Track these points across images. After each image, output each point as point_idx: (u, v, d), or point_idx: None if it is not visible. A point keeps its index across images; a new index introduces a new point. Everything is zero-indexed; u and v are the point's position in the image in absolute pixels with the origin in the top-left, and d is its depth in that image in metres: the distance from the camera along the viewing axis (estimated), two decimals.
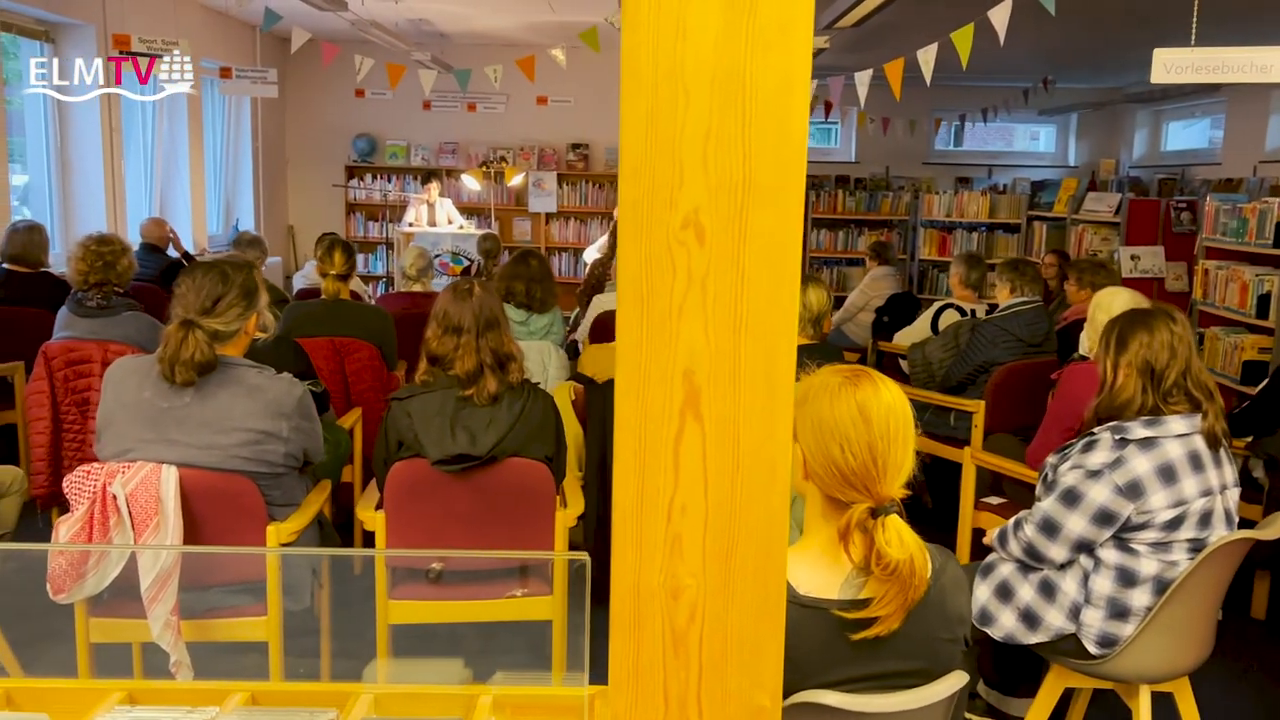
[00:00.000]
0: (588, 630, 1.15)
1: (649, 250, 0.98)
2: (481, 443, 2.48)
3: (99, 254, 4.03)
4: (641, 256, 0.98)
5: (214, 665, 2.60)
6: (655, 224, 0.98)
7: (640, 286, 0.99)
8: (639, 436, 1.01)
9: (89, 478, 2.35)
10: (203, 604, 2.47)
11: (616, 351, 1.00)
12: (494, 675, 1.46)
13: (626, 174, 0.97)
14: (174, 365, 2.30)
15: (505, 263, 4.47)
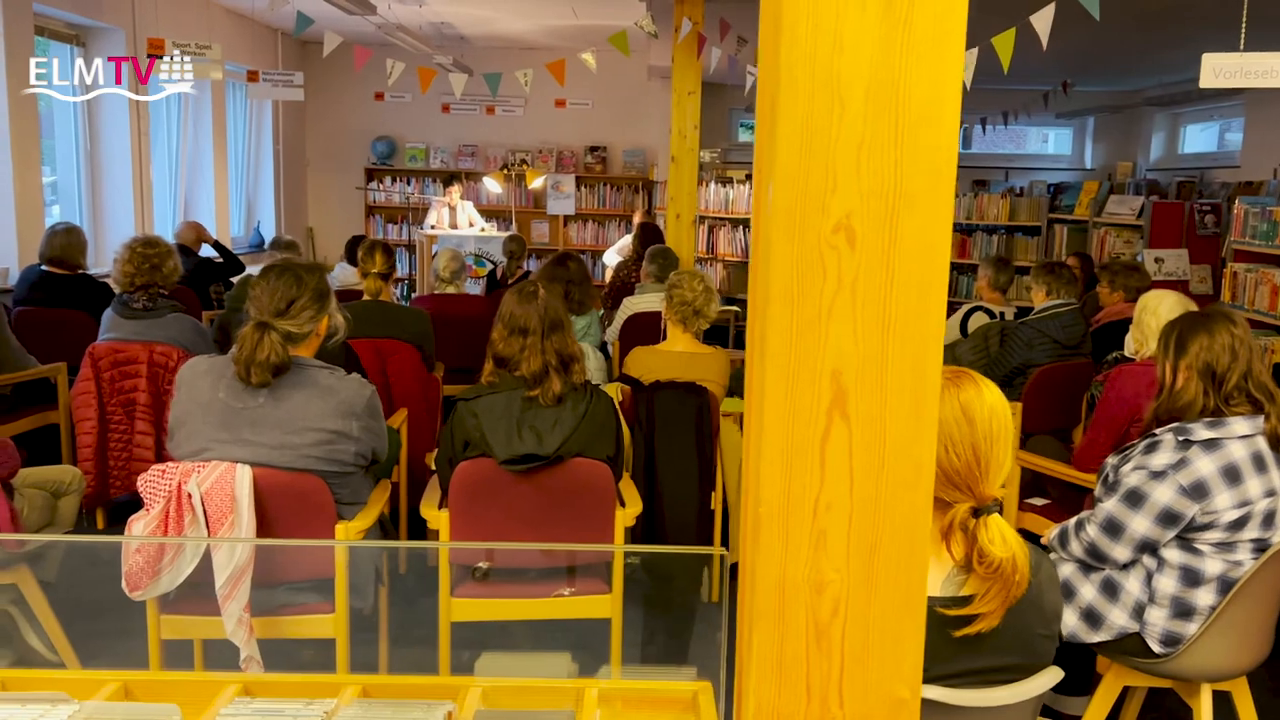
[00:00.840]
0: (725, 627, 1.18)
1: (800, 254, 1.01)
2: (548, 443, 2.52)
3: (145, 256, 4.07)
4: (793, 260, 1.01)
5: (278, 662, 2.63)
6: (807, 228, 1.01)
7: (791, 289, 1.02)
8: (787, 435, 1.04)
9: (164, 477, 2.39)
10: (272, 601, 2.51)
11: (766, 352, 1.03)
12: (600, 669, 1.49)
13: (780, 180, 1.01)
14: (249, 366, 2.34)
15: (543, 264, 4.51)
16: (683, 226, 6.22)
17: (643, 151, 11.17)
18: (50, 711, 1.40)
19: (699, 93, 6.03)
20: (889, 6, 0.97)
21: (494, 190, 10.17)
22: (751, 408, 1.13)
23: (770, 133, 1.06)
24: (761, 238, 1.08)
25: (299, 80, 7.49)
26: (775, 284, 1.02)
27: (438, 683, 1.49)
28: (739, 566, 1.20)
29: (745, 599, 1.15)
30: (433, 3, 8.24)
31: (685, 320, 3.60)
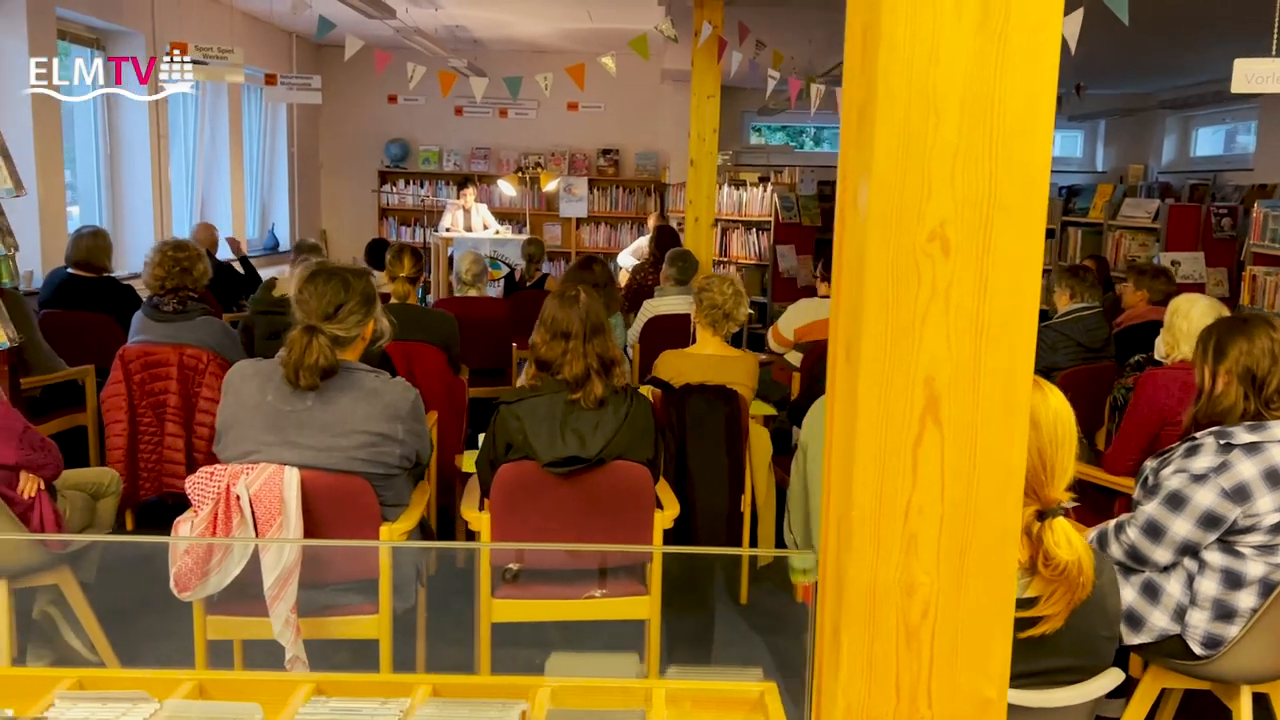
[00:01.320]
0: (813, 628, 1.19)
1: (895, 261, 1.03)
2: (590, 445, 2.54)
3: (176, 260, 4.10)
4: (888, 267, 1.03)
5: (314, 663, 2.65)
6: (903, 236, 1.03)
7: (886, 296, 1.04)
8: (880, 440, 1.06)
9: (212, 479, 2.41)
10: (317, 602, 2.53)
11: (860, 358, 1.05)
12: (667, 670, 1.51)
13: (876, 188, 1.03)
14: (298, 369, 2.36)
15: (567, 268, 4.53)
16: (701, 229, 6.25)
17: (655, 154, 11.20)
18: (131, 710, 1.43)
19: (718, 96, 6.05)
20: (985, 20, 0.99)
21: (508, 193, 10.20)
22: (839, 413, 1.14)
23: (861, 140, 1.08)
24: (850, 244, 1.11)
25: (317, 84, 7.52)
26: (870, 291, 1.04)
27: (508, 682, 1.51)
28: (820, 570, 1.22)
29: (830, 601, 1.17)
30: (448, 6, 8.27)
31: (715, 323, 3.61)
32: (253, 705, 1.37)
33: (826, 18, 6.76)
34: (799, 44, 7.43)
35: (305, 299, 2.43)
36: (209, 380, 4.11)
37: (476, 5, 8.26)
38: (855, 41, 1.10)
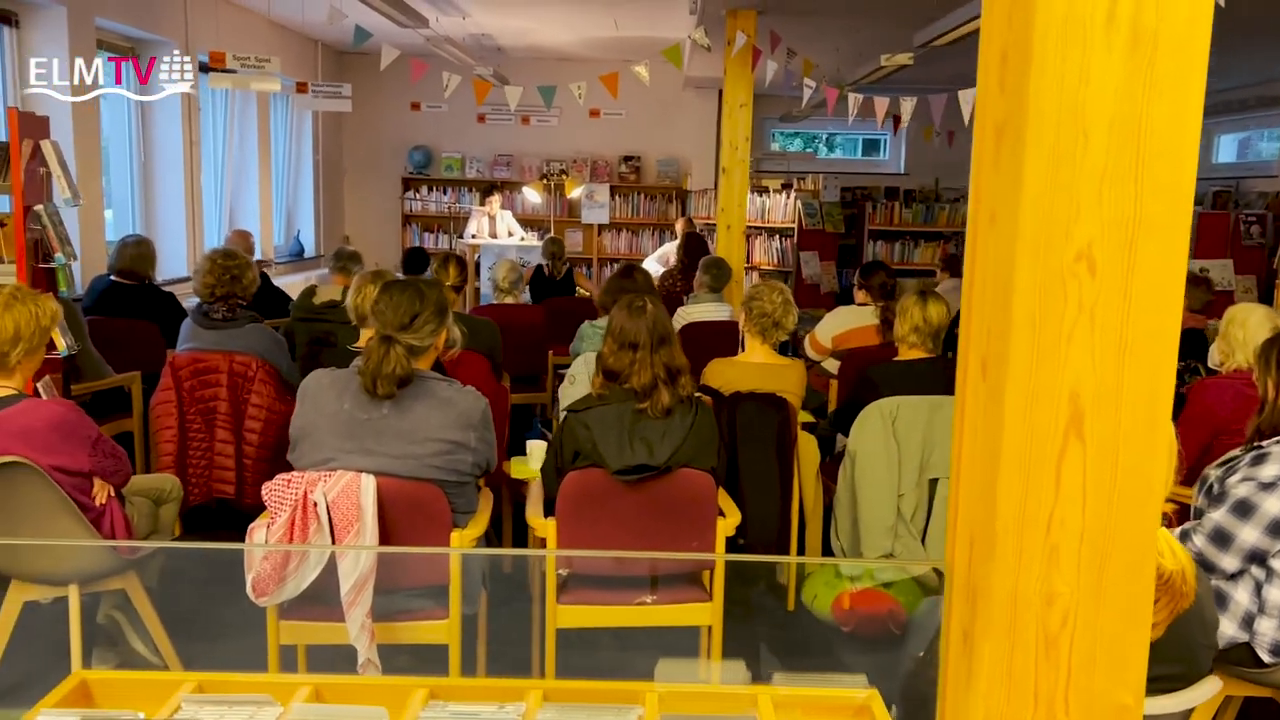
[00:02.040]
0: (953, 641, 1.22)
1: (1043, 280, 1.06)
2: (658, 453, 2.57)
3: (225, 268, 4.15)
4: (1036, 285, 1.06)
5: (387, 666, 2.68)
6: (1050, 256, 1.06)
7: (1033, 314, 1.07)
8: (1024, 454, 1.08)
9: (289, 486, 2.45)
10: (388, 607, 2.56)
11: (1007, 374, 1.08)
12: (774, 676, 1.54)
13: (1026, 208, 1.06)
14: (376, 379, 2.40)
15: (610, 276, 4.56)
16: (733, 237, 6.28)
17: (676, 161, 11.24)
18: (257, 713, 1.46)
19: (750, 105, 6.08)
20: (1135, 45, 1.02)
21: (533, 199, 10.25)
22: (972, 427, 1.17)
23: (1001, 161, 1.11)
24: (989, 262, 1.14)
25: (347, 92, 7.60)
26: (1018, 309, 1.07)
27: (617, 687, 1.54)
28: (946, 580, 1.25)
29: (960, 611, 1.19)
30: (476, 15, 8.33)
31: (765, 332, 3.64)
32: (379, 709, 1.41)
33: (852, 26, 6.80)
34: (826, 52, 7.47)
35: (381, 309, 2.47)
36: (258, 387, 4.15)
37: (504, 14, 8.32)
38: (993, 64, 1.13)
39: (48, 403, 2.73)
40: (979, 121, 1.17)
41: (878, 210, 9.80)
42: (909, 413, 3.58)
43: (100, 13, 6.23)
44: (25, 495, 2.68)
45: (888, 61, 5.68)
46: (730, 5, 5.83)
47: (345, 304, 3.53)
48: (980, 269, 1.16)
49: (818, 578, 3.61)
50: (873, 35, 6.78)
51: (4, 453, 2.63)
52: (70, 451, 2.71)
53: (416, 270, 6.71)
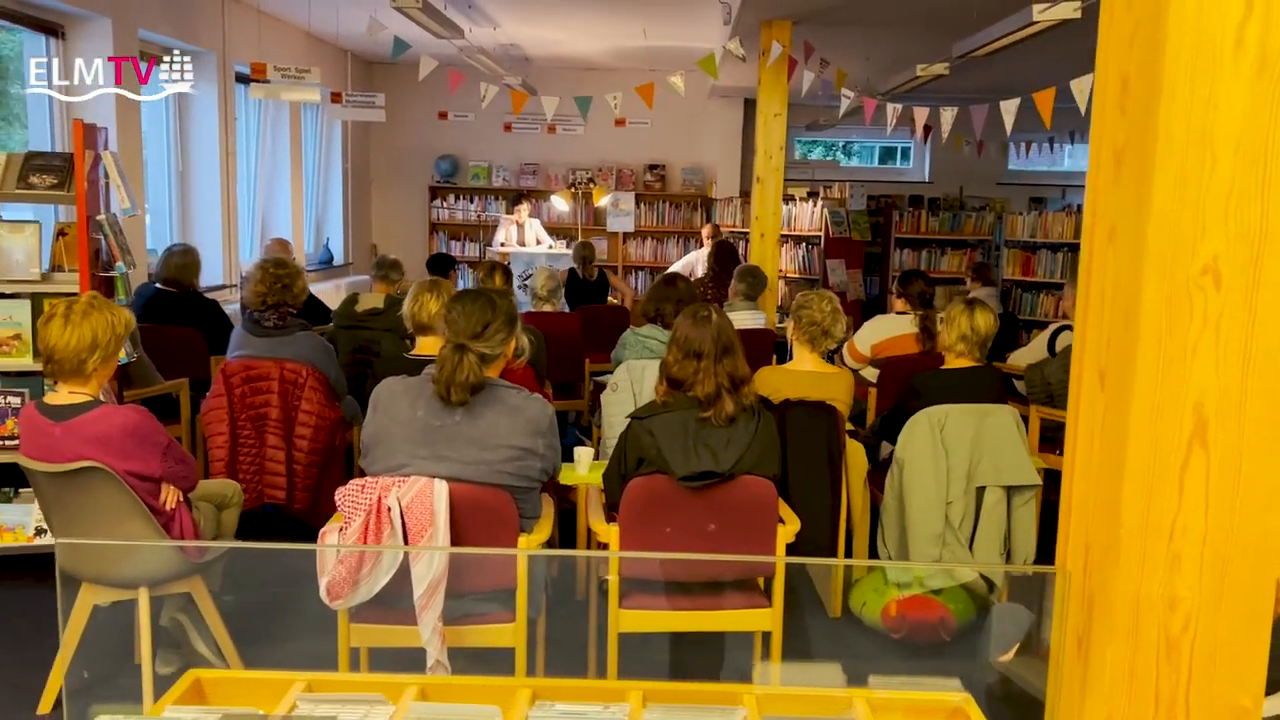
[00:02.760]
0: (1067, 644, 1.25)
1: (1170, 294, 1.10)
2: (723, 460, 2.61)
3: (276, 276, 4.21)
4: (1163, 299, 1.10)
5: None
6: (1177, 270, 1.09)
7: (1159, 327, 1.10)
8: (1149, 463, 1.12)
9: (363, 491, 2.50)
10: (455, 611, 2.60)
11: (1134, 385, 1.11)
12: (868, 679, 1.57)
13: (1153, 225, 1.09)
14: (450, 386, 2.44)
15: (652, 285, 4.60)
16: (767, 245, 6.32)
17: (702, 169, 11.29)
18: (371, 712, 1.50)
19: (784, 114, 6.12)
20: (1261, 69, 1.06)
21: (561, 208, 10.32)
22: (1087, 436, 1.21)
23: (1122, 181, 1.14)
24: (1108, 277, 1.17)
25: (380, 102, 7.68)
26: (1145, 322, 1.10)
27: (715, 689, 1.58)
28: (1059, 585, 1.28)
29: (1077, 616, 1.23)
30: (507, 25, 8.41)
31: (814, 340, 3.68)
32: (492, 708, 1.45)
33: (887, 36, 6.84)
34: (856, 62, 7.51)
35: (454, 319, 2.52)
36: (308, 394, 4.21)
37: (534, 24, 8.39)
38: (1112, 88, 1.17)
39: (123, 409, 2.78)
40: (1095, 141, 1.21)
41: (904, 218, 9.82)
42: (957, 421, 3.61)
43: (143, 24, 6.33)
44: (100, 499, 2.74)
45: (924, 71, 5.72)
46: (765, 16, 5.88)
47: (401, 312, 3.58)
48: (1097, 282, 1.20)
49: (866, 584, 3.64)
50: (906, 45, 6.81)
51: (81, 458, 2.69)
52: (143, 457, 2.76)
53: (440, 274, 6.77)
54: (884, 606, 3.51)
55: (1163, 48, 1.06)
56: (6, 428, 3.61)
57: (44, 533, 3.68)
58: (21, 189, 3.49)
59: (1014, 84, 8.66)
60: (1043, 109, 4.29)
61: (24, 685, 3.08)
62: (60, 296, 3.61)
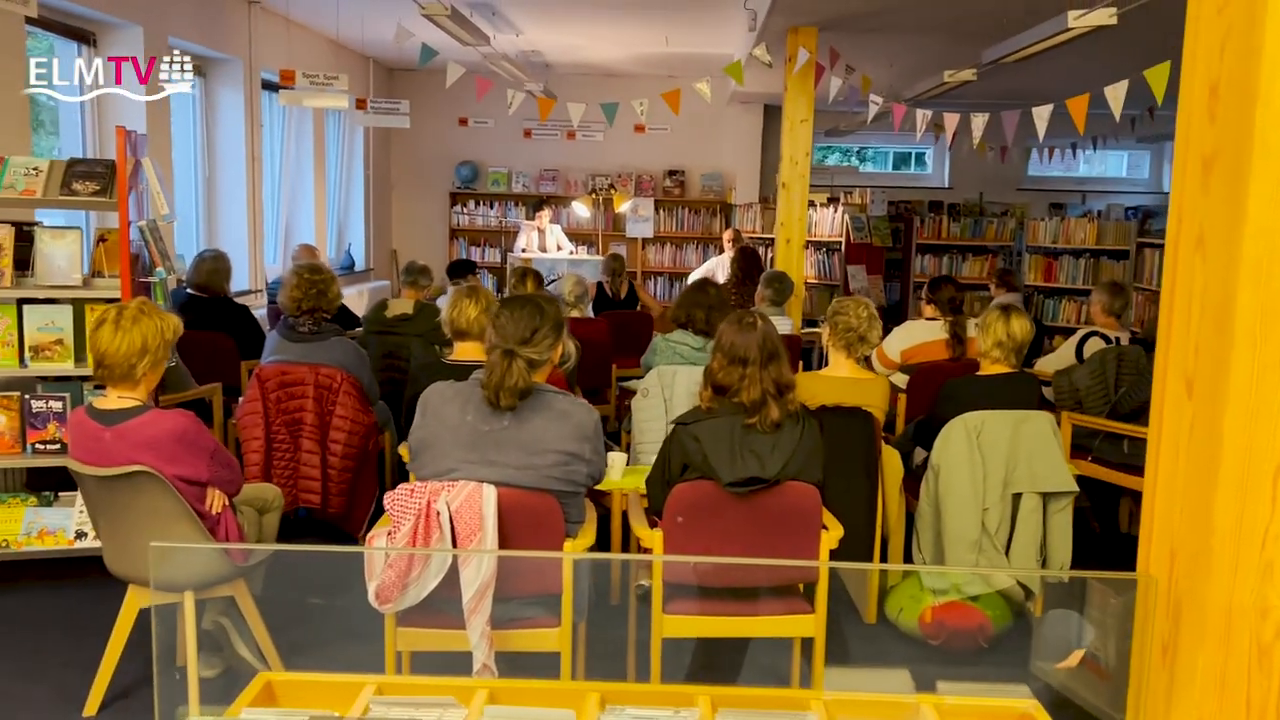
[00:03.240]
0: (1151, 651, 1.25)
1: (1265, 301, 1.10)
2: (769, 466, 2.61)
3: (312, 282, 4.23)
4: (1257, 306, 1.10)
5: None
6: (1273, 279, 1.10)
7: (1254, 335, 1.10)
8: (1242, 470, 1.12)
9: (412, 496, 2.51)
10: (501, 615, 2.61)
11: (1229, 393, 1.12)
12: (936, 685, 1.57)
13: (1248, 234, 1.10)
14: (499, 391, 2.46)
15: (683, 290, 4.61)
16: (793, 251, 6.32)
17: (721, 175, 11.30)
18: (444, 715, 1.52)
19: (810, 120, 6.13)
20: None
21: (582, 214, 10.35)
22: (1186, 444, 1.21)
23: (1210, 189, 1.15)
24: (1199, 285, 1.17)
25: (405, 109, 7.71)
26: (1239, 329, 1.11)
27: (785, 695, 1.58)
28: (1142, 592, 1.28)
29: (1164, 623, 1.23)
30: (530, 32, 8.45)
31: (850, 346, 3.68)
32: (567, 712, 1.46)
33: (914, 43, 6.84)
34: (880, 68, 7.52)
35: (503, 324, 2.53)
36: (342, 399, 4.23)
37: (557, 31, 8.43)
38: (1199, 96, 1.18)
39: (171, 414, 2.81)
40: (1180, 149, 1.22)
41: (925, 224, 9.81)
42: (994, 427, 3.60)
43: (173, 31, 6.38)
44: (149, 503, 2.76)
45: (951, 77, 5.72)
46: (792, 22, 5.89)
47: (440, 317, 3.60)
48: (1183, 290, 1.20)
49: (902, 591, 3.63)
50: (931, 51, 6.82)
51: (130, 462, 2.71)
52: (191, 461, 2.79)
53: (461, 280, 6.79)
54: (921, 613, 3.50)
55: (1259, 54, 1.06)
56: (48, 432, 3.65)
57: (84, 536, 3.71)
58: (65, 195, 3.52)
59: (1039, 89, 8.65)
60: (1076, 115, 4.30)
61: (69, 687, 3.10)
62: (100, 302, 3.65)
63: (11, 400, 3.64)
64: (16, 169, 3.53)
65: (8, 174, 3.51)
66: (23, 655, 3.32)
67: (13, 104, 4.73)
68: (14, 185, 3.50)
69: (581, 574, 2.75)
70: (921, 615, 3.50)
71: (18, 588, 3.80)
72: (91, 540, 3.70)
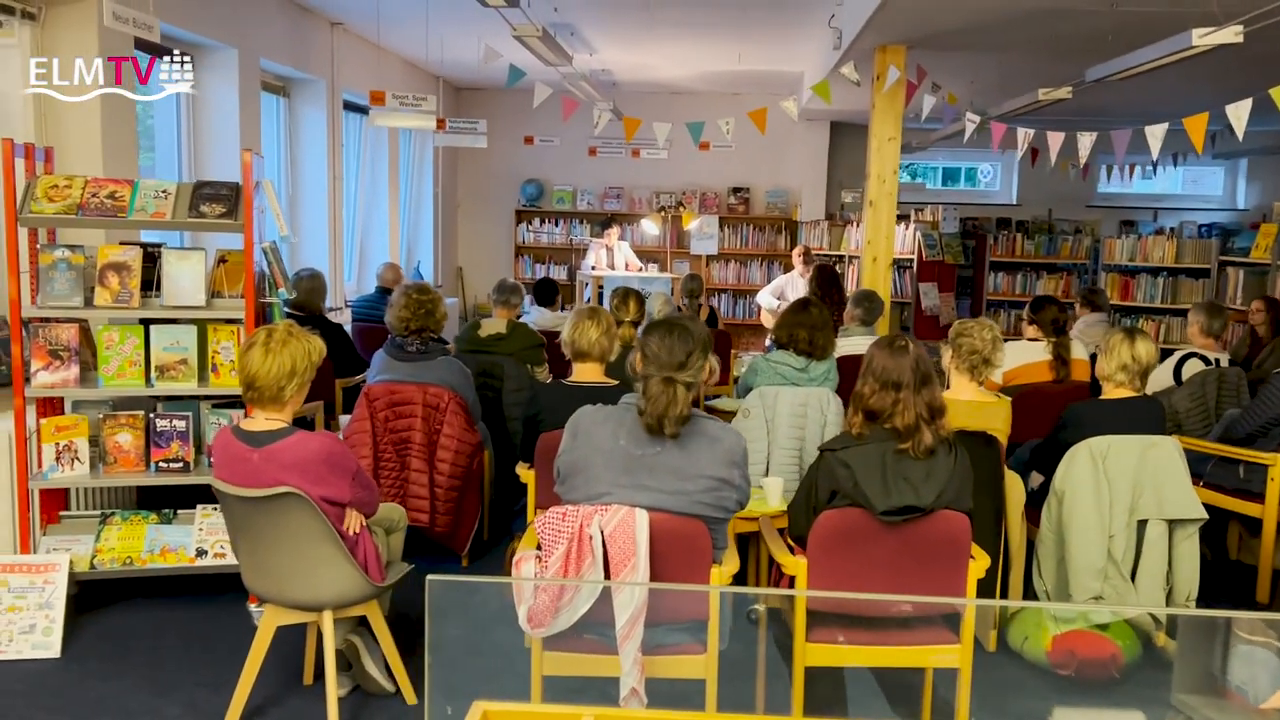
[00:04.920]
0: None
1: None
2: (924, 494, 2.57)
3: (420, 303, 4.27)
4: None
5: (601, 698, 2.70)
6: None
7: None
8: None
9: (564, 519, 2.50)
10: (649, 641, 2.59)
11: None
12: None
13: None
14: (662, 419, 2.44)
15: (785, 309, 4.57)
16: (880, 270, 6.27)
17: (786, 192, 11.27)
18: None
19: (899, 139, 6.09)
20: None
21: (651, 231, 10.37)
22: None
23: None
24: None
25: (483, 129, 7.79)
26: None
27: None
28: None
29: None
30: (605, 52, 8.50)
31: (974, 369, 3.62)
32: None
33: (997, 60, 6.77)
34: (961, 84, 7.45)
35: (656, 352, 2.51)
36: (450, 418, 4.25)
37: (630, 50, 8.47)
38: None
39: (317, 435, 2.83)
40: None
41: (998, 241, 9.69)
42: (1120, 452, 3.52)
43: (265, 54, 6.51)
44: (293, 523, 2.78)
45: (1046, 96, 5.65)
46: (880, 41, 5.86)
47: (561, 338, 3.60)
48: None
49: (1027, 619, 3.55)
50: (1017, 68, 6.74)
51: (278, 483, 2.74)
52: (336, 483, 2.81)
53: (548, 300, 6.82)
54: (1049, 642, 3.42)
55: None
56: (171, 450, 3.70)
57: (204, 554, 3.75)
58: (194, 218, 3.58)
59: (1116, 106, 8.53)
60: (1194, 134, 4.21)
61: (202, 705, 3.13)
62: (223, 322, 3.70)
63: (136, 419, 3.70)
64: (147, 192, 3.60)
65: (139, 197, 3.58)
66: (153, 672, 3.35)
67: (120, 123, 4.84)
68: (145, 208, 3.56)
69: (725, 601, 2.72)
70: (1050, 644, 3.42)
71: (137, 604, 3.86)
72: (212, 558, 3.75)
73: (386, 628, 3.08)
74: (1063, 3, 4.72)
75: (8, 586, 3.47)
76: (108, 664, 3.40)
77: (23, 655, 3.40)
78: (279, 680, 3.28)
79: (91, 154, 4.68)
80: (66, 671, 3.35)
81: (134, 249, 3.64)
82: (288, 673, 3.32)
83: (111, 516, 3.78)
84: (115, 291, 3.58)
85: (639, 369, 2.57)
